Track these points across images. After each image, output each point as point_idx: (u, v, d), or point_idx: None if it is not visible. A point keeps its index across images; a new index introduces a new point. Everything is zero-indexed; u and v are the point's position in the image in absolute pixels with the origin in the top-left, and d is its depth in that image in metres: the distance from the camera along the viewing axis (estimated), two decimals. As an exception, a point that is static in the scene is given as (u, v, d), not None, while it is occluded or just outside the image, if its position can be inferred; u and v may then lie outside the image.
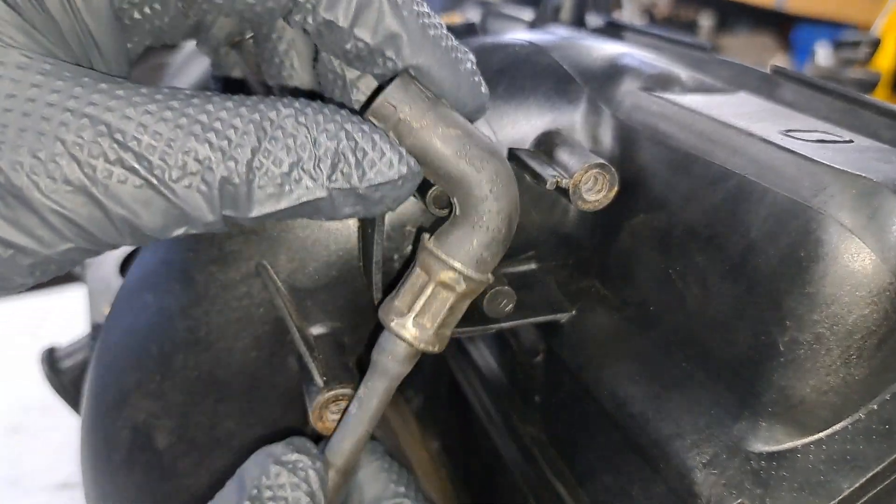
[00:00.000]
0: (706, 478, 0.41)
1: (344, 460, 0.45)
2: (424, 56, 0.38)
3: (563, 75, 0.54)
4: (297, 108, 0.35)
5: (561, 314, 0.55)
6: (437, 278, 0.41)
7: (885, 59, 2.60)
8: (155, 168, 0.32)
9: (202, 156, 0.33)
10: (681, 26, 3.61)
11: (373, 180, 0.36)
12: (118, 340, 0.55)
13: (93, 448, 0.56)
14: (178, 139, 0.32)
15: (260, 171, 0.34)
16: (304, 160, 0.34)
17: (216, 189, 0.33)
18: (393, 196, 0.37)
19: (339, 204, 0.36)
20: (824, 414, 0.41)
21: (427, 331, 0.42)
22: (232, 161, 0.33)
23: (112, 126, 0.32)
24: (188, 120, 0.33)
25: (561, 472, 0.53)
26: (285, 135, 0.34)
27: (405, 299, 0.42)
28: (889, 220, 0.37)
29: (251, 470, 0.44)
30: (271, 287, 0.50)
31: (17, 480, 1.22)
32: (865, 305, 0.38)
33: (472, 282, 0.41)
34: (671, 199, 0.47)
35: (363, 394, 0.44)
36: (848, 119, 0.50)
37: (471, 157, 0.39)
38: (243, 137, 0.33)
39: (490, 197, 0.39)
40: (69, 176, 0.31)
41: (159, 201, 0.33)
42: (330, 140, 0.35)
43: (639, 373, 0.48)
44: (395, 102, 0.37)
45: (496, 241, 0.41)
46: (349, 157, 0.35)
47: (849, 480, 0.39)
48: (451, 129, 0.38)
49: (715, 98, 0.54)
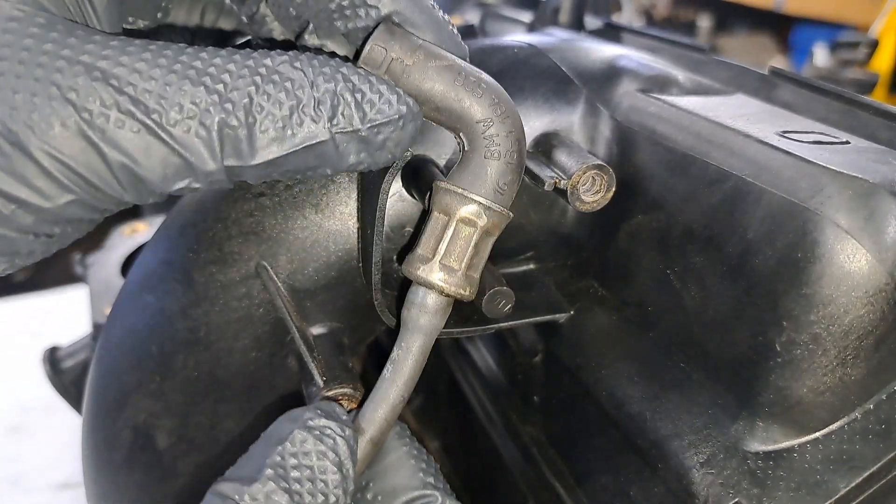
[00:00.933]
0: (704, 477, 0.41)
1: (377, 429, 0.42)
2: (402, 3, 0.38)
3: (562, 77, 0.54)
4: (291, 56, 0.35)
5: (560, 314, 0.55)
6: (457, 215, 0.40)
7: (884, 59, 2.60)
8: (152, 112, 0.32)
9: (198, 98, 0.32)
10: (679, 27, 3.61)
11: (375, 120, 0.35)
12: (119, 341, 0.55)
13: (94, 448, 0.57)
14: (174, 83, 0.32)
15: (261, 115, 0.33)
16: (303, 102, 0.34)
17: (215, 132, 0.33)
18: (395, 139, 0.37)
19: (343, 150, 0.35)
20: (821, 414, 0.41)
21: (455, 273, 0.41)
22: (229, 103, 0.33)
23: (107, 72, 0.31)
24: (182, 66, 0.33)
25: (560, 471, 0.53)
26: (282, 78, 0.34)
27: (427, 245, 0.41)
28: (885, 221, 0.37)
29: (276, 434, 0.41)
30: (271, 287, 0.50)
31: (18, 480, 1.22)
32: (862, 306, 0.38)
33: (494, 214, 0.40)
34: (669, 200, 0.47)
35: (397, 356, 0.42)
36: (845, 120, 0.50)
37: (468, 84, 0.38)
38: (239, 81, 0.33)
39: (496, 120, 0.39)
40: (66, 119, 0.31)
41: (158, 147, 0.32)
42: (327, 82, 0.35)
43: (637, 373, 0.49)
44: (382, 44, 0.37)
45: (510, 166, 0.40)
46: (348, 98, 0.35)
47: (845, 480, 0.39)
48: (443, 61, 0.38)
49: (712, 99, 0.54)
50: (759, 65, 0.61)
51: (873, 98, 0.54)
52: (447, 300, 0.41)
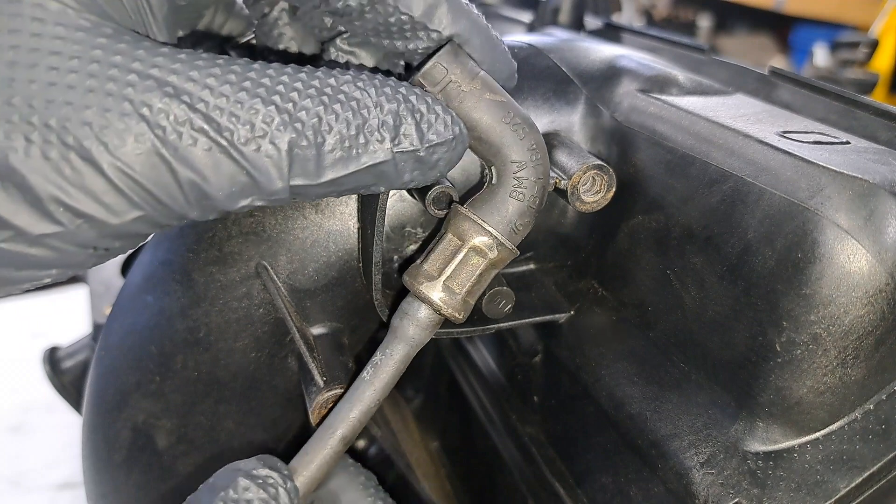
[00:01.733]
0: (703, 477, 0.41)
1: (349, 428, 0.43)
2: (463, 23, 0.39)
3: (562, 77, 0.54)
4: (354, 75, 0.35)
5: (559, 315, 0.55)
6: (470, 243, 0.41)
7: (884, 59, 2.61)
8: (224, 130, 0.32)
9: (270, 117, 0.32)
10: (679, 27, 3.61)
11: (432, 141, 0.36)
12: (119, 341, 0.55)
13: (93, 448, 0.57)
14: (245, 101, 0.32)
15: (329, 134, 0.33)
16: (369, 122, 0.34)
17: (285, 152, 0.33)
18: (447, 159, 0.37)
19: (401, 168, 0.36)
20: (821, 414, 0.41)
21: (456, 296, 0.42)
22: (299, 123, 0.33)
23: (179, 87, 0.31)
24: (252, 83, 0.33)
25: (559, 471, 0.53)
26: (348, 98, 0.34)
27: (435, 263, 0.42)
28: (885, 221, 0.37)
29: (220, 482, 0.41)
30: (271, 288, 0.50)
31: (18, 480, 1.22)
32: (862, 306, 0.38)
33: (505, 250, 0.42)
34: (669, 200, 0.47)
35: (379, 361, 0.43)
36: (845, 120, 0.50)
37: (514, 124, 0.39)
38: (307, 100, 0.33)
39: (529, 165, 0.40)
40: (139, 136, 0.30)
41: (228, 165, 0.32)
42: (390, 102, 0.35)
43: (637, 373, 0.49)
44: (446, 65, 0.38)
45: (531, 210, 0.41)
46: (409, 119, 0.35)
47: (845, 480, 0.39)
48: (497, 95, 0.39)
49: (712, 100, 0.54)
50: (759, 65, 0.61)
51: (873, 98, 0.54)
52: (439, 318, 0.43)
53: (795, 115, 0.52)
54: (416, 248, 0.52)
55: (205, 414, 0.53)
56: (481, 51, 0.40)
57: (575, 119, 0.53)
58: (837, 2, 3.65)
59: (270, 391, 0.54)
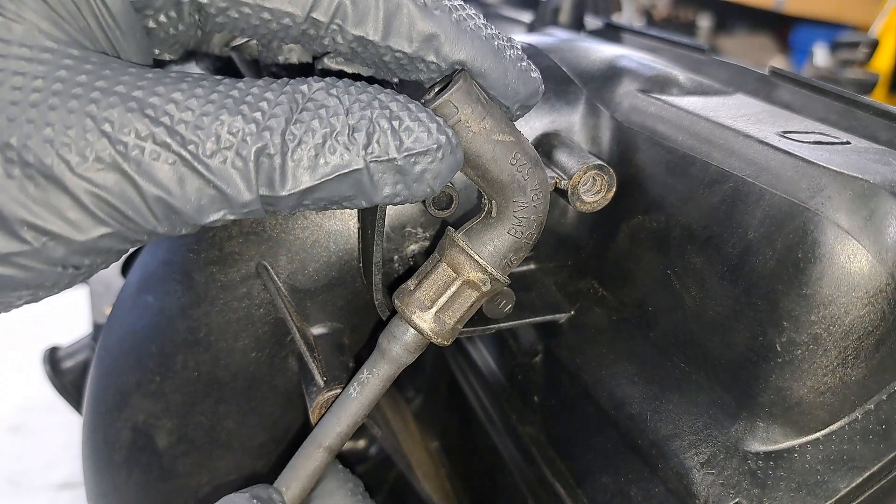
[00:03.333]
0: (704, 477, 0.41)
1: (335, 441, 0.43)
2: (465, 50, 0.37)
3: (562, 77, 0.54)
4: (328, 82, 0.34)
5: (560, 315, 0.55)
6: (465, 276, 0.42)
7: (884, 59, 2.61)
8: (188, 143, 0.31)
9: (236, 128, 0.32)
10: (679, 27, 3.61)
11: (412, 148, 0.34)
12: (119, 341, 0.55)
13: (94, 448, 0.57)
14: (211, 113, 0.32)
15: (293, 143, 0.33)
16: (337, 129, 0.33)
17: (252, 163, 0.32)
18: (434, 171, 0.35)
19: (378, 180, 0.34)
20: (821, 414, 0.41)
21: (446, 325, 0.42)
22: (267, 131, 0.32)
23: (143, 102, 0.31)
24: (219, 96, 0.32)
25: (559, 471, 0.53)
26: (317, 105, 0.33)
27: (429, 293, 0.42)
28: (886, 221, 0.37)
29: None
30: (272, 288, 0.50)
31: (18, 480, 1.22)
32: (862, 306, 0.38)
33: (498, 283, 0.42)
34: (669, 200, 0.47)
35: (366, 379, 0.43)
36: (845, 120, 0.50)
37: (521, 165, 0.39)
38: (276, 108, 0.33)
39: (530, 205, 0.40)
40: (100, 152, 0.30)
41: (193, 179, 0.32)
42: (363, 109, 0.34)
43: (637, 373, 0.49)
44: (456, 103, 0.37)
45: (525, 247, 0.42)
46: (384, 125, 0.34)
47: (846, 480, 0.39)
48: (507, 135, 0.39)
49: (712, 100, 0.54)
50: (759, 65, 0.61)
51: (873, 98, 0.54)
52: (426, 342, 0.43)
53: (796, 115, 0.52)
54: (416, 248, 0.52)
55: (205, 414, 0.53)
56: (493, 77, 0.39)
57: (575, 119, 0.53)
58: (837, 2, 3.65)
59: (271, 391, 0.54)
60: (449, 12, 0.37)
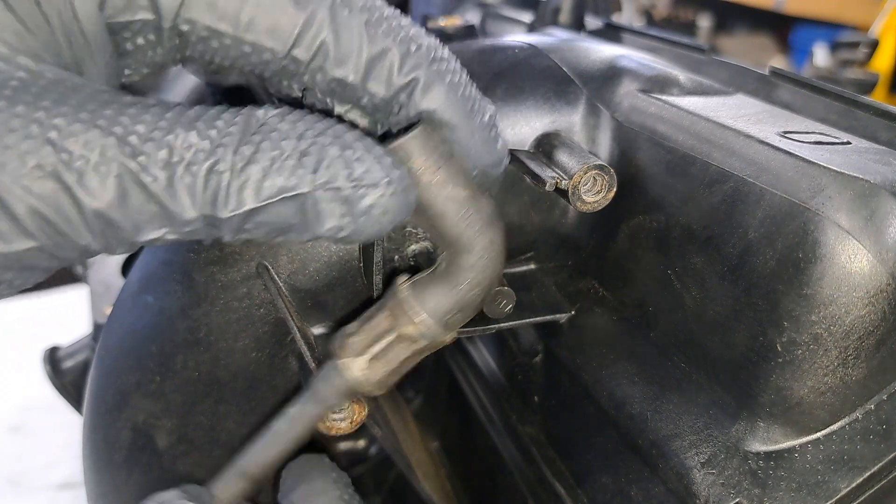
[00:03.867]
0: (704, 478, 0.41)
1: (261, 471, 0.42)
2: (438, 101, 0.37)
3: (562, 77, 0.54)
4: (284, 110, 0.34)
5: (560, 315, 0.55)
6: (400, 329, 0.40)
7: (884, 59, 2.61)
8: (137, 154, 0.30)
9: (189, 143, 0.31)
10: (679, 27, 3.61)
11: (360, 179, 0.33)
12: (119, 341, 0.55)
13: (94, 448, 0.57)
14: (164, 128, 0.31)
15: (242, 162, 0.32)
16: (287, 153, 0.32)
17: (201, 179, 0.31)
18: (383, 206, 0.34)
19: (323, 208, 0.33)
20: (822, 414, 0.41)
21: (376, 375, 0.41)
22: (221, 148, 0.31)
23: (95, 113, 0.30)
24: (174, 114, 0.32)
25: (560, 472, 0.53)
26: (269, 129, 0.33)
27: (364, 339, 0.41)
28: (886, 221, 0.37)
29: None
30: (272, 287, 0.50)
31: (18, 480, 1.22)
32: (863, 306, 0.38)
33: (435, 340, 0.41)
34: (669, 200, 0.47)
35: (294, 414, 0.42)
36: (846, 120, 0.50)
37: (471, 223, 0.38)
38: (231, 128, 0.32)
39: (478, 266, 0.39)
40: (42, 159, 0.29)
41: (137, 193, 0.31)
42: (316, 136, 0.33)
43: (637, 373, 0.49)
44: (412, 149, 0.36)
45: (470, 306, 0.40)
46: (334, 153, 0.33)
47: (846, 480, 0.39)
48: (460, 189, 0.37)
49: (713, 100, 0.54)
50: (759, 65, 0.61)
51: (873, 98, 0.54)
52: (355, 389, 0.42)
53: (796, 115, 0.52)
54: (417, 248, 0.52)
55: (205, 414, 0.53)
56: (459, 134, 0.38)
57: (575, 119, 0.53)
58: (837, 2, 3.65)
59: (271, 391, 0.54)
60: (431, 62, 0.37)
